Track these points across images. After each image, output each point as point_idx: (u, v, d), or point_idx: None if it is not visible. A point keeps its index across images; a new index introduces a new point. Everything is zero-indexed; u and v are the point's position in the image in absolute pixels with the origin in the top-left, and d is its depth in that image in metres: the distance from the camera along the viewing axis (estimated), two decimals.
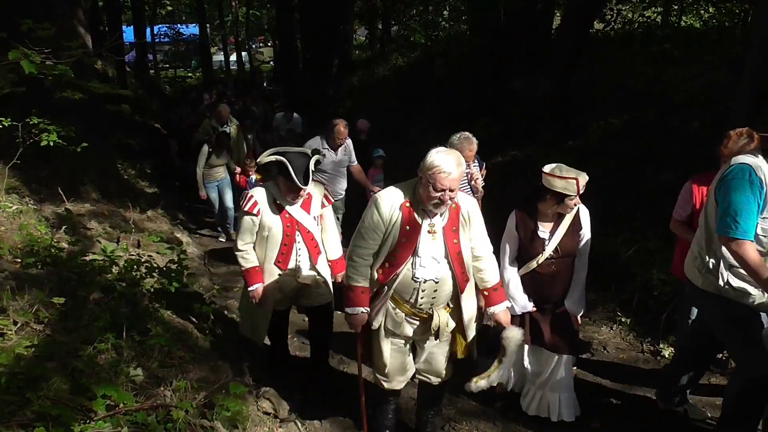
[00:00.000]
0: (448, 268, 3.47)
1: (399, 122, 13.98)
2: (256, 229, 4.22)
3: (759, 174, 3.23)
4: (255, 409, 4.00)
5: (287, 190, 4.12)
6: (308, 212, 4.31)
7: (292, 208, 4.23)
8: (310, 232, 4.32)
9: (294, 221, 4.24)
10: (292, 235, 4.24)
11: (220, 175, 9.04)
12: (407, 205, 3.41)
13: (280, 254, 4.27)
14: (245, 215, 4.19)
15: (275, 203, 4.21)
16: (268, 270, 4.31)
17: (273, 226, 4.20)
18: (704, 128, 7.46)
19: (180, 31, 33.97)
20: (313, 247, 4.36)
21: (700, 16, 15.25)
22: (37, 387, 2.95)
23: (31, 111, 5.23)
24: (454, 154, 3.30)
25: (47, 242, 5.06)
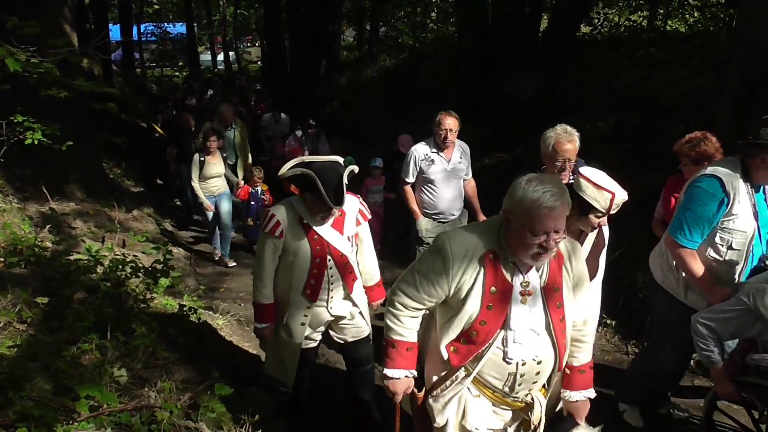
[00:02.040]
0: (551, 342, 2.56)
1: (387, 123, 13.99)
2: (278, 254, 3.62)
3: (728, 188, 3.33)
4: (240, 410, 3.98)
5: (316, 208, 3.49)
6: (341, 232, 3.65)
7: (321, 228, 3.59)
8: (344, 256, 3.68)
9: (324, 244, 3.60)
10: (322, 261, 3.61)
11: (216, 189, 7.86)
12: (491, 257, 2.45)
13: (308, 283, 3.64)
14: (266, 238, 3.59)
15: (301, 223, 3.56)
16: (295, 302, 3.70)
17: (299, 250, 3.57)
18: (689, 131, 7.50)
19: (167, 30, 33.80)
20: (348, 272, 3.75)
21: (685, 21, 15.37)
22: (19, 387, 2.93)
23: (15, 109, 5.18)
24: (554, 182, 2.34)
25: (31, 241, 5.01)
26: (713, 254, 3.48)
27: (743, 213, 3.37)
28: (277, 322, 3.82)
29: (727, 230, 3.40)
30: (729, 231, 3.41)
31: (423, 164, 5.46)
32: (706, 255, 3.50)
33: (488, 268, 2.44)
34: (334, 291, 3.74)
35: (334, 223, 3.64)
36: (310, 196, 3.46)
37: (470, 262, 2.45)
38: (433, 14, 19.97)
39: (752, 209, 3.40)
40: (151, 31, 32.87)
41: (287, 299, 3.71)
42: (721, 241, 3.43)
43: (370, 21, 22.09)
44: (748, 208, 3.39)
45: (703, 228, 3.41)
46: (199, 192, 7.70)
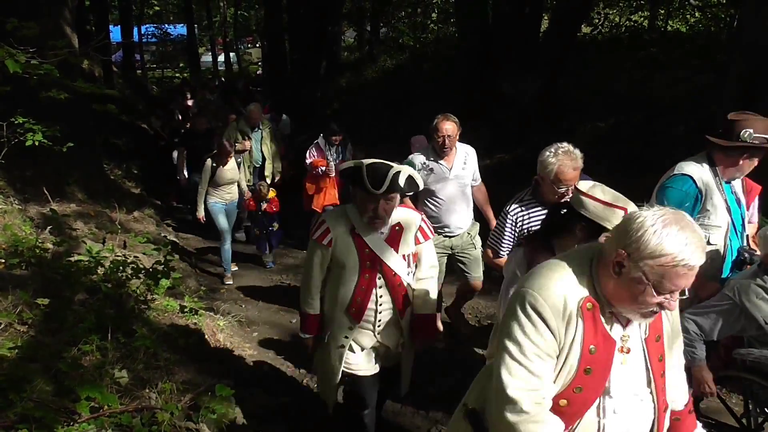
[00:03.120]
0: (652, 404, 2.05)
1: (387, 124, 13.99)
2: (326, 264, 3.31)
3: (700, 185, 3.43)
4: (241, 411, 3.99)
5: (362, 206, 3.13)
6: (396, 249, 3.26)
7: (374, 240, 3.22)
8: (397, 276, 3.28)
9: (376, 259, 3.22)
10: (371, 278, 3.24)
11: (229, 196, 7.38)
12: (589, 307, 1.91)
13: (354, 301, 3.26)
14: (314, 246, 3.30)
15: (353, 233, 3.22)
16: (338, 319, 3.35)
17: (348, 262, 3.23)
18: (689, 132, 7.52)
19: (167, 31, 33.79)
20: (400, 295, 3.33)
21: (686, 21, 15.35)
22: (20, 388, 2.93)
23: (16, 110, 5.19)
24: (695, 231, 1.80)
25: (32, 243, 5.02)
26: None
27: (717, 208, 3.45)
28: (321, 338, 3.50)
29: (703, 227, 3.41)
30: (705, 227, 3.45)
31: (421, 174, 4.79)
32: None
33: (587, 321, 1.90)
34: (382, 314, 3.32)
35: (390, 238, 3.26)
36: (355, 190, 3.16)
37: (566, 313, 1.90)
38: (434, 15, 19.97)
39: (725, 204, 3.47)
40: (151, 32, 32.85)
41: (332, 315, 3.39)
42: None
43: (370, 22, 22.08)
44: (721, 203, 3.46)
45: None
46: (201, 201, 7.21)
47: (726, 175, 3.48)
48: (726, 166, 3.44)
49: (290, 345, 5.64)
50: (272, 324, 6.17)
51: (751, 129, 3.29)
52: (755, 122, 3.33)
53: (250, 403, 4.13)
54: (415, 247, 3.37)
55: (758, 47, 5.94)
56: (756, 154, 3.38)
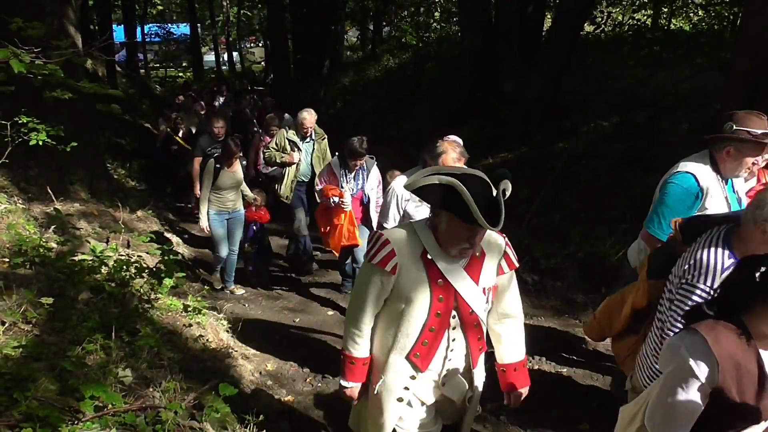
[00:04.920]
0: None
1: (390, 123, 14.00)
2: (385, 295, 2.60)
3: (701, 183, 3.46)
4: (245, 410, 3.99)
5: (454, 236, 2.45)
6: (476, 281, 2.60)
7: (451, 268, 2.55)
8: (474, 314, 2.62)
9: (451, 293, 2.56)
10: (444, 316, 2.58)
11: (231, 204, 6.70)
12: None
13: (419, 344, 2.60)
14: (372, 272, 2.57)
15: (424, 258, 2.54)
16: (395, 365, 2.67)
17: (415, 296, 2.54)
18: (693, 131, 7.51)
19: (171, 30, 33.86)
20: (476, 338, 2.69)
21: (689, 19, 15.34)
22: (24, 387, 2.94)
23: (20, 110, 5.20)
24: None
25: (36, 242, 5.03)
26: None
27: (716, 206, 3.49)
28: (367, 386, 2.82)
29: None
30: None
31: (408, 206, 4.24)
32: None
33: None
34: (452, 361, 2.69)
35: (470, 266, 2.59)
36: (447, 217, 2.43)
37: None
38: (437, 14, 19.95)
39: (725, 201, 3.53)
40: (154, 31, 32.90)
41: (384, 359, 2.69)
42: None
43: (373, 21, 22.08)
44: (721, 200, 3.52)
45: None
46: (204, 209, 6.56)
47: (725, 172, 3.52)
48: (720, 161, 3.51)
49: (293, 344, 5.66)
50: (275, 323, 6.18)
51: (734, 122, 3.37)
52: (741, 116, 3.40)
53: (253, 403, 4.14)
54: (496, 278, 2.70)
55: (762, 45, 5.93)
56: (740, 147, 3.40)
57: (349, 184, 6.09)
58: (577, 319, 5.98)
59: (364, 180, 6.14)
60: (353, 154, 5.95)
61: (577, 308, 6.16)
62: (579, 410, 4.41)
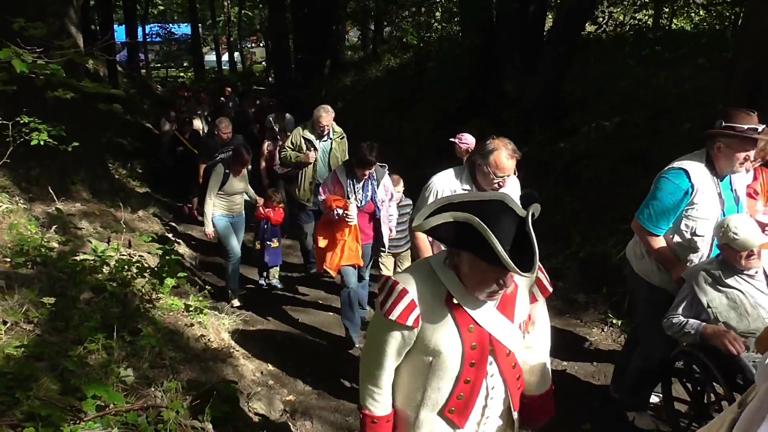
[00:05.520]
0: None
1: (391, 123, 14.00)
2: (407, 349, 2.21)
3: (692, 180, 3.61)
4: (246, 410, 4.00)
5: (481, 280, 2.06)
6: (511, 317, 2.25)
7: (482, 311, 2.17)
8: (511, 354, 2.27)
9: (485, 338, 2.19)
10: (480, 365, 2.21)
11: (238, 208, 6.64)
12: None
13: (454, 398, 2.23)
14: (389, 328, 2.17)
15: (449, 303, 2.15)
16: (429, 423, 2.28)
17: (445, 348, 2.16)
18: (695, 130, 7.50)
19: (172, 30, 33.90)
20: (515, 379, 2.32)
21: (690, 19, 15.33)
22: (26, 387, 2.94)
23: (21, 110, 5.21)
24: None
25: (37, 242, 5.04)
26: (678, 239, 3.76)
27: (706, 202, 3.64)
28: None
29: (691, 218, 3.69)
30: (693, 219, 3.69)
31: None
32: (672, 241, 3.78)
33: None
34: (492, 409, 2.33)
35: (502, 303, 2.23)
36: (469, 258, 2.05)
37: None
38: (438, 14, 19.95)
39: (718, 198, 3.67)
40: (156, 31, 32.94)
41: (414, 415, 2.30)
42: (686, 228, 3.71)
43: (374, 21, 22.09)
44: (714, 197, 3.66)
45: (669, 216, 3.70)
46: (209, 214, 6.34)
47: (720, 169, 3.65)
48: (715, 158, 3.64)
49: (294, 345, 5.66)
50: (277, 323, 6.18)
51: (724, 119, 3.53)
52: (732, 113, 3.54)
53: (254, 402, 4.14)
54: (528, 307, 2.37)
55: (763, 45, 5.93)
56: (729, 143, 3.52)
57: (356, 195, 5.32)
58: (578, 318, 5.98)
59: (374, 191, 5.41)
60: (362, 162, 5.20)
61: (579, 308, 6.16)
62: (581, 409, 4.41)
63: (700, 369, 3.73)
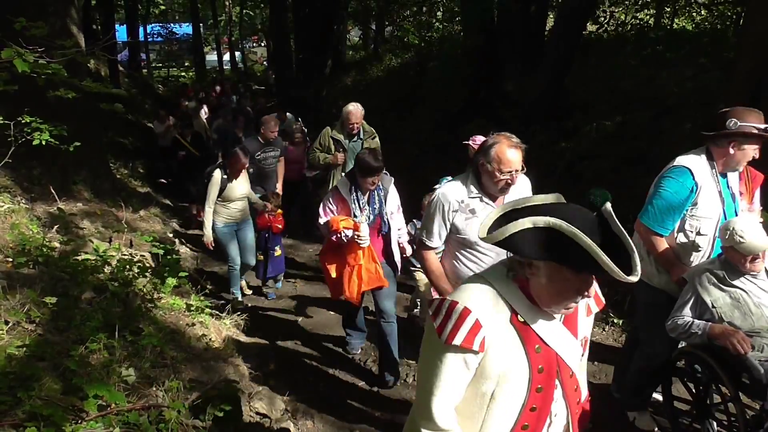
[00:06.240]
0: None
1: (392, 123, 13.99)
2: (469, 376, 1.91)
3: (696, 178, 3.64)
4: (248, 409, 4.00)
5: (560, 292, 1.85)
6: (575, 333, 2.04)
7: (549, 328, 1.94)
8: (573, 376, 2.04)
9: (553, 359, 1.95)
10: (547, 390, 1.96)
11: (240, 214, 6.36)
12: None
13: (518, 428, 1.96)
14: (452, 353, 1.87)
15: (515, 321, 1.90)
16: None
17: (510, 373, 1.90)
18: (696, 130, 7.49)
19: (173, 30, 33.90)
20: (575, 402, 2.09)
21: (692, 19, 15.31)
22: (28, 387, 2.95)
23: (23, 110, 5.22)
24: None
25: (39, 241, 5.04)
26: (683, 239, 3.77)
27: (709, 200, 3.67)
28: None
29: (695, 217, 3.70)
30: (697, 218, 3.71)
31: (457, 218, 3.46)
32: (676, 241, 3.79)
33: None
34: None
35: (568, 318, 2.02)
36: (549, 269, 1.82)
37: None
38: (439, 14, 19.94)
39: (718, 197, 3.70)
40: (157, 31, 32.95)
41: None
42: (691, 227, 3.73)
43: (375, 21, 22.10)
44: (715, 195, 3.69)
45: (674, 215, 3.70)
46: (209, 222, 6.13)
47: (721, 167, 3.69)
48: (719, 157, 3.66)
49: (295, 344, 5.66)
50: (277, 323, 6.18)
51: (737, 118, 3.55)
52: (742, 112, 3.59)
53: (255, 402, 4.14)
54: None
55: (765, 44, 5.92)
56: (744, 142, 3.57)
57: (364, 210, 4.64)
58: None
59: (381, 203, 4.75)
60: (367, 170, 4.50)
61: None
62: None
63: (703, 369, 3.73)
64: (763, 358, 3.41)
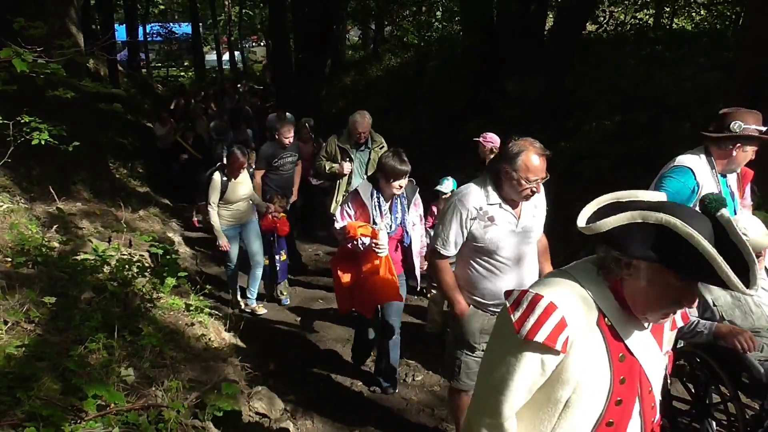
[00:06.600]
0: None
1: (391, 123, 13.99)
2: (543, 380, 1.74)
3: (698, 178, 3.65)
4: (247, 409, 4.00)
5: (658, 297, 1.68)
6: (660, 344, 1.88)
7: (636, 337, 1.78)
8: (652, 392, 1.86)
9: (636, 371, 1.79)
10: (627, 404, 1.79)
11: (243, 216, 6.27)
12: None
13: None
14: (528, 349, 1.71)
15: (601, 324, 1.73)
16: None
17: (590, 381, 1.73)
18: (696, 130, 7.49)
19: (172, 30, 33.85)
20: (650, 421, 1.87)
21: (691, 19, 15.31)
22: (27, 387, 2.94)
23: (22, 109, 5.21)
24: None
25: (38, 241, 5.03)
26: None
27: None
28: None
29: None
30: None
31: (475, 226, 3.27)
32: None
33: None
34: None
35: (654, 327, 1.84)
36: (651, 270, 1.65)
37: None
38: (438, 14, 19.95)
39: None
40: (156, 31, 32.90)
41: None
42: None
43: (375, 20, 22.08)
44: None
45: None
46: (216, 224, 6.04)
47: (721, 167, 3.72)
48: (720, 158, 3.69)
49: (294, 344, 5.66)
50: (277, 323, 6.18)
51: (741, 121, 3.57)
52: (744, 115, 3.61)
53: (255, 402, 4.14)
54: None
55: (764, 44, 5.93)
56: (748, 144, 3.62)
57: (386, 218, 4.32)
58: None
59: (404, 212, 4.40)
60: (392, 173, 4.15)
61: None
62: None
63: (702, 369, 3.72)
64: (762, 357, 3.41)
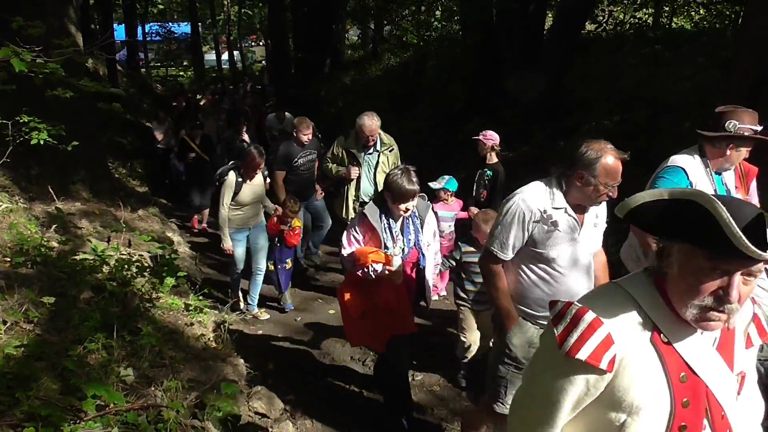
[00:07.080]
0: None
1: (391, 123, 13.97)
2: (588, 401, 1.61)
3: (690, 177, 3.64)
4: (247, 409, 3.99)
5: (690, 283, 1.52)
6: (731, 366, 1.66)
7: (698, 353, 1.60)
8: (725, 418, 1.63)
9: (702, 392, 1.60)
10: (694, 427, 1.60)
11: (252, 220, 6.13)
12: None
13: None
14: (574, 369, 1.58)
15: (656, 341, 1.58)
16: None
17: (647, 403, 1.57)
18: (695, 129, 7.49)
19: (171, 29, 33.83)
20: None
21: (690, 18, 15.31)
22: (26, 387, 2.94)
23: (21, 109, 5.21)
24: None
25: (37, 241, 5.03)
26: None
27: None
28: None
29: None
30: None
31: (537, 229, 3.07)
32: None
33: None
34: None
35: (721, 342, 1.65)
36: (683, 253, 1.53)
37: None
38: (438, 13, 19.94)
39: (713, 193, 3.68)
40: (155, 30, 32.88)
41: None
42: None
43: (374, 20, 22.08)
44: (709, 192, 3.63)
45: None
46: (224, 225, 5.89)
47: (715, 166, 3.70)
48: (714, 157, 3.67)
49: (294, 343, 5.66)
50: (277, 323, 6.17)
51: (736, 120, 3.55)
52: (740, 114, 3.58)
53: (254, 401, 4.14)
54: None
55: (763, 44, 5.92)
56: (742, 144, 3.61)
57: (398, 241, 3.93)
58: None
59: (417, 231, 4.03)
60: (398, 195, 3.78)
61: None
62: None
63: None
64: (762, 357, 3.41)
